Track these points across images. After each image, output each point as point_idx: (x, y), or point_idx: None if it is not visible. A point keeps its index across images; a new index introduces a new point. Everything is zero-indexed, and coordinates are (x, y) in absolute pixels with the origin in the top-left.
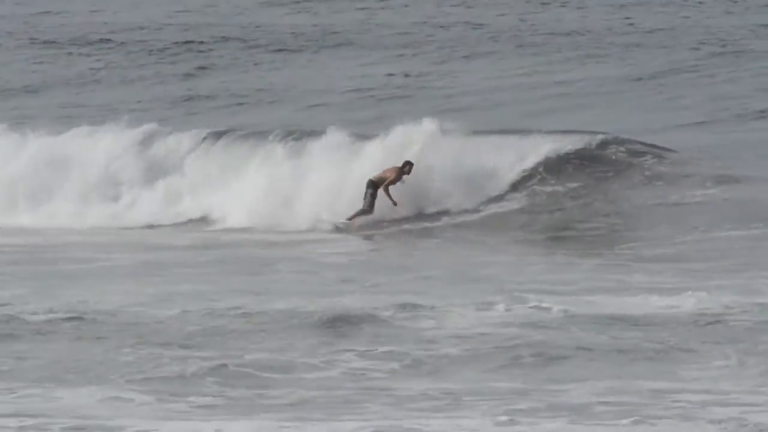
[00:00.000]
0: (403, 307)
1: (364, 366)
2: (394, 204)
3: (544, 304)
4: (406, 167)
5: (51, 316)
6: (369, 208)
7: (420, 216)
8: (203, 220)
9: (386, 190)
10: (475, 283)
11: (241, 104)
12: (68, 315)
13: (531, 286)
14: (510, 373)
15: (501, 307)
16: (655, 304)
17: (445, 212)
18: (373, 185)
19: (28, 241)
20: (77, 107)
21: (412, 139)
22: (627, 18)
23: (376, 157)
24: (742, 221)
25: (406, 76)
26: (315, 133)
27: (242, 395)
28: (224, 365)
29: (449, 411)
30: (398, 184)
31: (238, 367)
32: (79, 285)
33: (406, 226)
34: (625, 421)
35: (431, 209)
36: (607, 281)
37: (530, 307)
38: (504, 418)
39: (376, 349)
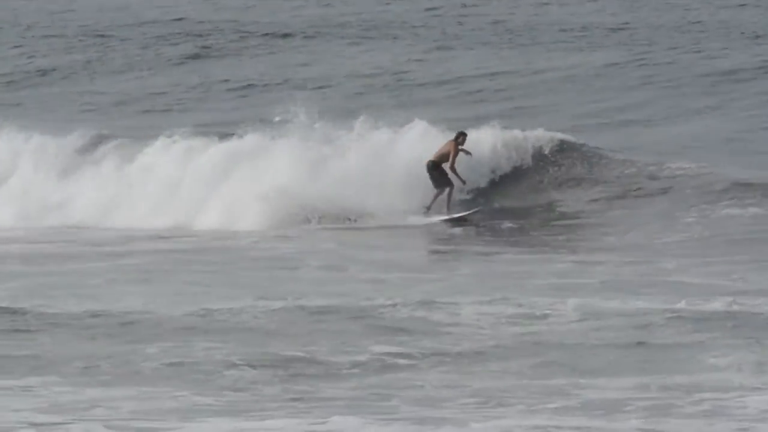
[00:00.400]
0: (427, 304)
1: (393, 363)
2: (463, 183)
3: (565, 301)
4: (460, 138)
5: (74, 313)
6: (449, 184)
7: (422, 211)
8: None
9: (453, 169)
10: (498, 280)
11: (251, 86)
12: (90, 313)
13: (551, 282)
14: (537, 370)
15: (525, 304)
16: (678, 300)
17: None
18: (435, 165)
19: (33, 241)
20: (94, 94)
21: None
22: (633, 13)
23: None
24: (733, 196)
25: (409, 60)
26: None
27: (273, 393)
28: (251, 362)
29: (483, 410)
30: (463, 156)
31: (265, 363)
32: (99, 284)
33: (413, 222)
34: (656, 417)
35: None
36: (627, 276)
37: (552, 305)
38: (538, 416)
39: (404, 346)
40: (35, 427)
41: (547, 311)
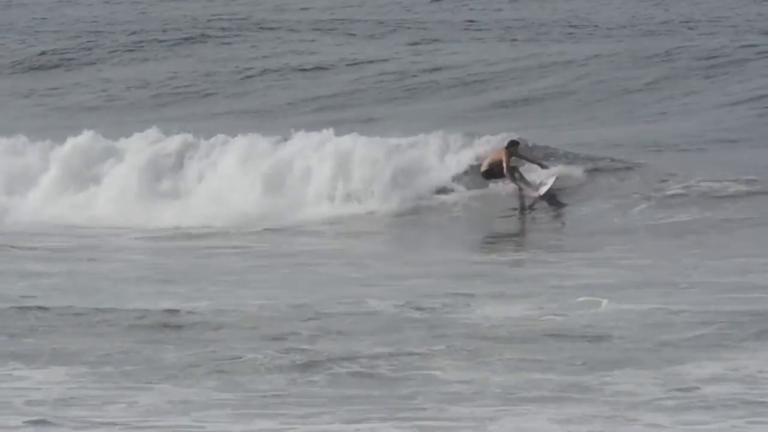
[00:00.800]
0: (448, 303)
1: (414, 360)
2: (506, 181)
3: (590, 299)
4: (513, 147)
5: (90, 310)
6: (512, 179)
7: (425, 210)
8: None
9: (506, 174)
10: (517, 277)
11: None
12: (106, 309)
13: (572, 282)
14: (563, 368)
15: (542, 301)
16: (700, 296)
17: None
18: (488, 173)
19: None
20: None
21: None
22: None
23: None
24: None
25: (408, 51)
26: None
27: (293, 391)
28: (271, 361)
29: (507, 407)
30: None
31: (285, 362)
32: (113, 281)
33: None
34: (678, 413)
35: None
36: (652, 273)
37: (574, 303)
38: (564, 416)
39: (423, 344)
40: (46, 424)
41: (566, 308)
